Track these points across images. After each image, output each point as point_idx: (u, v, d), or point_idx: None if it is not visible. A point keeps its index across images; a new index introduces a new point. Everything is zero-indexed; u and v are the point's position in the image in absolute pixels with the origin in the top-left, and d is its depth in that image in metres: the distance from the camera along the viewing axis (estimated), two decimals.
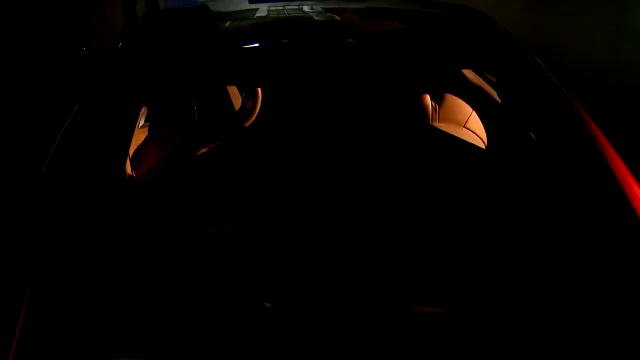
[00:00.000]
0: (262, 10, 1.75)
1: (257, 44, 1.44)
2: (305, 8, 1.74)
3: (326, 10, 1.70)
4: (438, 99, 1.59)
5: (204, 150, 1.49)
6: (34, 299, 0.87)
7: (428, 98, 1.59)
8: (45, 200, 1.05)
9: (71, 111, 1.24)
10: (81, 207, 1.03)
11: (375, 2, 1.91)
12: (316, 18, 1.65)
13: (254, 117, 1.71)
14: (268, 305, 1.10)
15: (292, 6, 1.76)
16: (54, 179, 1.09)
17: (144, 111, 1.53)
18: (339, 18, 1.61)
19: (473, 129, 1.59)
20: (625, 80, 3.35)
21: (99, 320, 0.89)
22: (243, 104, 1.67)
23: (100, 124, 1.21)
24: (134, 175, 1.39)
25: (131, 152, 1.42)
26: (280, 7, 1.76)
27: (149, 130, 1.56)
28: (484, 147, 1.58)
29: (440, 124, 1.57)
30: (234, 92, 1.66)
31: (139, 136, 1.51)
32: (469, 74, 1.66)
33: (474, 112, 1.58)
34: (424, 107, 1.57)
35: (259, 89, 1.67)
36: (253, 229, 1.24)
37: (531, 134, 1.31)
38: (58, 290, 0.91)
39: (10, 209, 1.07)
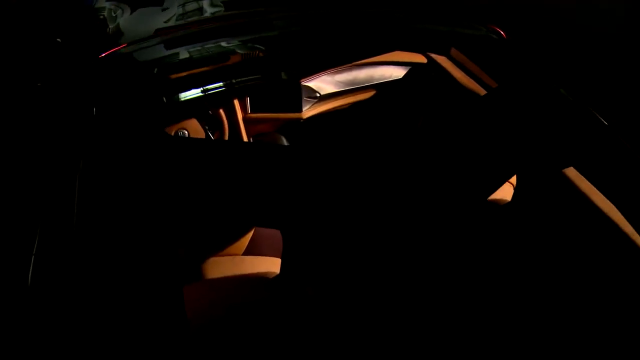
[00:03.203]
0: (184, 53, 1.91)
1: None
2: (224, 44, 1.92)
3: (245, 42, 1.91)
4: None
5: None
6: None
7: None
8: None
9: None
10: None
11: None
12: (239, 51, 1.87)
13: None
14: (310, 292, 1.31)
15: (210, 44, 1.92)
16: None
17: None
18: (262, 53, 1.82)
19: None
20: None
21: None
22: (207, 136, 1.82)
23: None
24: None
25: None
26: (199, 47, 1.92)
27: None
28: (513, 188, 1.68)
29: None
30: (194, 126, 1.79)
31: None
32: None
33: None
34: None
35: (224, 119, 1.82)
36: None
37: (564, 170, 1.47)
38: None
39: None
